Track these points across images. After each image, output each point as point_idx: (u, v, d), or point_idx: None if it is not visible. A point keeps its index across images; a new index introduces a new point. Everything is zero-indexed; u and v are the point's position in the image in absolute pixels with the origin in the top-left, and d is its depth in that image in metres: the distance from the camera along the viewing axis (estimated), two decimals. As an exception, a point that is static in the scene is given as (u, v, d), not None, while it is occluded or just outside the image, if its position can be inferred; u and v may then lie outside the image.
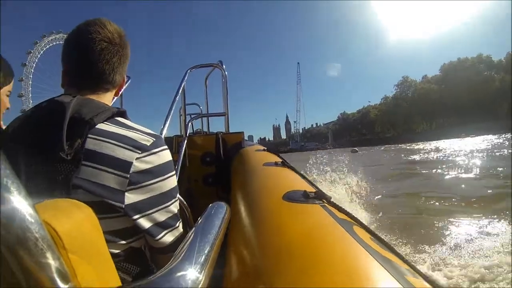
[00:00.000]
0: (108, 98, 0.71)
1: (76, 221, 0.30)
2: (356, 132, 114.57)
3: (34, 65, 41.63)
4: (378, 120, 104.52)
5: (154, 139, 0.61)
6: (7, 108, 1.01)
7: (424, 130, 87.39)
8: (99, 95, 0.68)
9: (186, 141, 1.86)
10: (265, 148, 1.86)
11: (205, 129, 3.03)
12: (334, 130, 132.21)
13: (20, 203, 0.23)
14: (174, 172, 0.64)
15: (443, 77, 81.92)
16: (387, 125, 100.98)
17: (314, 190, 0.76)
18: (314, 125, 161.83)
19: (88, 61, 0.64)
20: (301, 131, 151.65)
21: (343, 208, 0.66)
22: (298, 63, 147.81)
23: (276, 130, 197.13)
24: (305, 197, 0.70)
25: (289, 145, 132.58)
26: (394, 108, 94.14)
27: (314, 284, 0.38)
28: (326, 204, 0.67)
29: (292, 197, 0.71)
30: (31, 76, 41.45)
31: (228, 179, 1.76)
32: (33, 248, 0.23)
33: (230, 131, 2.24)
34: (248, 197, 0.93)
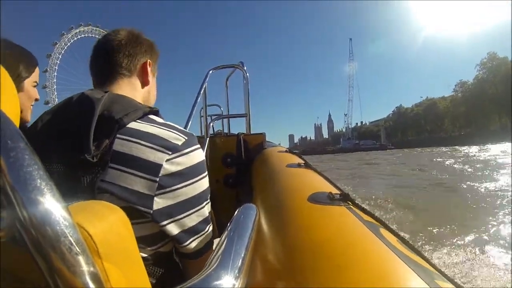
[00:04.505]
0: (132, 87, 0.71)
1: (110, 224, 0.29)
2: (416, 130, 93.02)
3: (60, 56, 42.16)
4: (449, 114, 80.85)
5: (186, 138, 0.57)
6: (36, 100, 0.98)
7: (502, 127, 63.48)
8: (119, 84, 0.69)
9: (207, 142, 1.87)
10: (287, 149, 1.84)
11: (226, 130, 3.05)
12: (388, 127, 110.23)
13: (53, 205, 0.22)
14: (206, 173, 0.61)
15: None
16: (462, 120, 76.65)
17: (338, 192, 0.75)
18: (359, 124, 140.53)
19: (103, 52, 0.70)
20: (352, 125, 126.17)
21: (369, 211, 0.65)
22: (351, 39, 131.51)
23: (318, 129, 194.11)
24: (330, 199, 0.69)
25: (340, 144, 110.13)
26: (478, 96, 68.80)
27: (344, 284, 0.38)
28: (351, 206, 0.66)
29: (317, 198, 0.71)
30: (56, 68, 42.09)
31: (249, 180, 1.75)
32: (67, 252, 0.22)
33: (256, 132, 2.22)
34: (272, 198, 0.92)
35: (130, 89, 0.70)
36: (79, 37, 42.35)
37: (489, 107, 67.90)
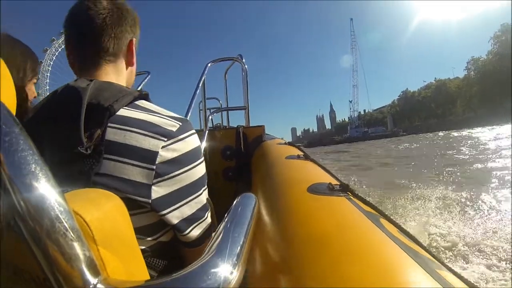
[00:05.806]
0: (118, 71, 0.65)
1: (106, 211, 0.29)
2: (426, 114, 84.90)
3: (51, 63, 41.11)
4: (461, 95, 72.71)
5: (181, 123, 0.55)
6: (35, 97, 0.98)
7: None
8: (106, 70, 0.63)
9: (206, 135, 1.86)
10: (286, 141, 1.84)
11: (225, 124, 3.03)
12: (394, 113, 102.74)
13: (49, 191, 0.22)
14: (203, 159, 0.60)
15: None
16: (476, 100, 68.26)
17: (338, 183, 0.75)
18: (362, 112, 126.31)
19: (86, 31, 0.61)
20: (358, 112, 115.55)
21: (368, 201, 0.64)
22: (351, 19, 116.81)
23: (320, 120, 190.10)
24: (330, 190, 0.69)
25: (347, 133, 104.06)
26: (492, 73, 60.52)
27: (345, 275, 0.38)
28: (351, 197, 0.66)
29: (316, 189, 0.71)
30: (48, 74, 40.84)
31: (249, 173, 1.75)
32: (62, 239, 0.22)
33: (255, 125, 2.20)
34: (271, 189, 0.92)
35: (116, 73, 0.65)
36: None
37: (505, 84, 56.48)
